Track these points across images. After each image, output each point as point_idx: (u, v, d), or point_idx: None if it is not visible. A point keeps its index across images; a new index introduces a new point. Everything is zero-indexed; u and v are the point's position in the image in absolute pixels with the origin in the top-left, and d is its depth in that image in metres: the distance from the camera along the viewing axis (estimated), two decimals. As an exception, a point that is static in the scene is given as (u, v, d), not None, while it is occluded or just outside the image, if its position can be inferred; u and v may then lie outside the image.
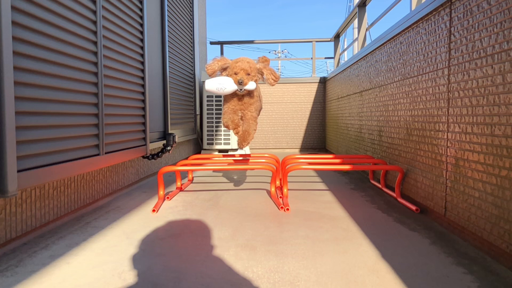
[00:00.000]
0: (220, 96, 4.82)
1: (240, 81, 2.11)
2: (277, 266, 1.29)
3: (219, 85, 2.11)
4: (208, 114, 4.92)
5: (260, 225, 1.76)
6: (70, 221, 1.84)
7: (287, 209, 2.01)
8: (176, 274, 1.23)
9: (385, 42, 2.56)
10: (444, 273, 1.22)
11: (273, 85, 2.25)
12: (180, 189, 2.59)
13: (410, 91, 2.13)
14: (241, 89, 2.15)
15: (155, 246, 1.50)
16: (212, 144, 4.93)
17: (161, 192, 2.27)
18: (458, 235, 1.57)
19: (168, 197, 2.30)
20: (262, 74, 2.25)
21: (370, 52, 2.95)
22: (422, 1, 2.18)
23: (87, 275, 1.23)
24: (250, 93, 2.25)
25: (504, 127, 1.27)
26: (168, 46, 3.43)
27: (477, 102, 1.44)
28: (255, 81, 2.21)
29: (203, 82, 4.88)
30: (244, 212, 1.99)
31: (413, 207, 1.98)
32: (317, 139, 5.53)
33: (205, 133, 4.93)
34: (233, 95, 2.23)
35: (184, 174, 3.06)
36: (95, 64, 1.93)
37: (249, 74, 2.14)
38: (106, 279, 1.20)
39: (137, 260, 1.35)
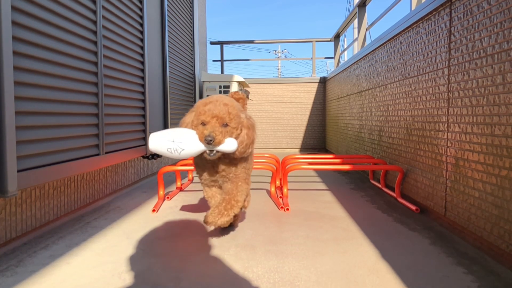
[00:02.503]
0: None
1: (209, 139, 1.25)
2: (277, 266, 1.29)
3: (173, 143, 1.27)
4: (208, 114, 4.90)
5: (260, 225, 1.76)
6: (70, 221, 1.84)
7: (287, 209, 2.01)
8: (176, 274, 1.23)
9: (385, 42, 2.56)
10: (444, 273, 1.22)
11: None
12: (180, 189, 2.59)
13: (410, 91, 2.12)
14: (211, 153, 1.31)
15: (155, 246, 1.50)
16: (212, 144, 4.92)
17: (161, 192, 2.27)
18: (458, 235, 1.57)
19: (168, 197, 2.30)
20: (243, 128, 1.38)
21: (370, 52, 2.95)
22: (422, 1, 2.18)
23: (87, 275, 1.23)
24: (230, 157, 1.40)
25: (504, 127, 1.27)
26: (168, 46, 3.43)
27: (477, 102, 1.44)
28: (238, 134, 1.33)
29: (203, 82, 4.88)
30: (244, 212, 1.99)
31: (413, 207, 1.98)
32: (317, 139, 5.53)
33: (205, 133, 4.91)
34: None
35: (184, 174, 3.06)
36: (95, 64, 1.93)
37: (226, 125, 1.29)
38: (106, 279, 1.20)
39: (137, 260, 1.35)
